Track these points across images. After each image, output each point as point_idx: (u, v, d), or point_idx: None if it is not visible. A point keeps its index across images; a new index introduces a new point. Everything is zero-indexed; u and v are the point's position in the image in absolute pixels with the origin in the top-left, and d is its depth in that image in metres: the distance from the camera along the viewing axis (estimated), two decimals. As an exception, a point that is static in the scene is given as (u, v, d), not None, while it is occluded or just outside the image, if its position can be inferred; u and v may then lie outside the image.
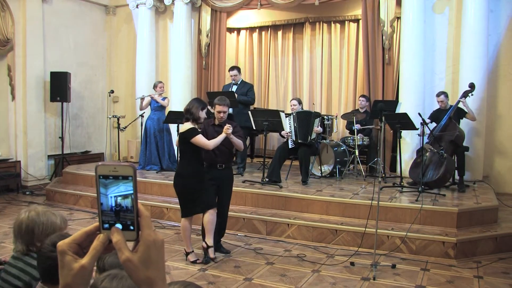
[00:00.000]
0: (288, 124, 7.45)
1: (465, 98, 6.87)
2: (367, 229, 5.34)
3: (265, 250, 5.58)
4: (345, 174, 7.91)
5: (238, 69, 8.49)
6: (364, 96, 8.44)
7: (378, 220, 5.02)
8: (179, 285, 1.09)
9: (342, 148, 7.88)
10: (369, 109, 8.32)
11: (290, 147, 7.45)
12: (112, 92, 10.36)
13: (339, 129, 9.24)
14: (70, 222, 6.88)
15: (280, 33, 10.80)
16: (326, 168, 7.95)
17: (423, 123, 6.28)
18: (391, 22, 8.29)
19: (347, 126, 8.59)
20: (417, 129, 6.67)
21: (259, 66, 11.14)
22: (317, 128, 7.46)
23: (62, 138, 9.72)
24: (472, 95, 6.89)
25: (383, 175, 7.66)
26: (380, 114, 6.44)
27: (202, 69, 10.28)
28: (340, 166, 7.79)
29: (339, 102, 10.19)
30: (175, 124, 8.19)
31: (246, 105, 8.21)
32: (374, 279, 4.62)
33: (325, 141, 7.97)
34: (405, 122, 6.67)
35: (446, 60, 8.03)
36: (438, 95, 7.19)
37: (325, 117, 7.98)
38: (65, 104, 9.69)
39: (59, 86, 9.36)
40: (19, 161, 9.19)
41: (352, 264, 5.02)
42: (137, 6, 10.21)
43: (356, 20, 9.79)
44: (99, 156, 10.92)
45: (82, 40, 10.50)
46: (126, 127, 9.41)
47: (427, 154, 6.78)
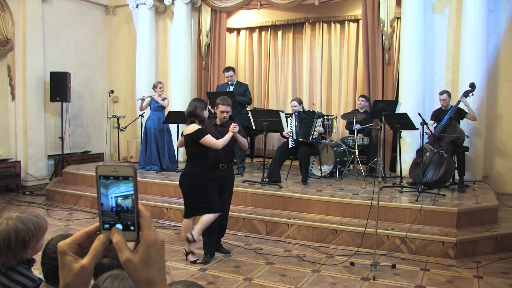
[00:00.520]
0: (289, 124, 7.46)
1: (465, 98, 6.87)
2: (367, 229, 5.34)
3: (265, 250, 5.58)
4: (345, 174, 7.91)
5: (234, 69, 8.53)
6: (363, 96, 8.44)
7: (378, 220, 5.02)
8: (181, 285, 1.09)
9: (342, 148, 7.89)
10: (369, 109, 8.33)
11: (290, 146, 7.45)
12: (112, 92, 10.36)
13: (339, 129, 9.24)
14: (70, 222, 6.91)
15: (280, 33, 10.80)
16: (326, 168, 7.95)
17: (423, 123, 6.28)
18: (391, 22, 8.30)
19: (347, 126, 8.59)
20: (417, 129, 6.66)
21: (259, 66, 11.14)
22: (319, 128, 7.46)
23: (62, 138, 9.71)
24: (472, 95, 6.90)
25: (383, 175, 7.67)
26: (380, 114, 6.45)
27: (202, 69, 10.28)
28: (340, 166, 7.79)
29: (339, 102, 10.19)
30: (175, 124, 8.20)
31: (244, 106, 8.26)
32: (374, 279, 4.62)
33: (325, 141, 7.97)
34: (405, 122, 6.67)
35: (446, 60, 8.04)
36: (441, 93, 7.20)
37: (325, 117, 7.98)
38: (65, 104, 9.69)
39: (59, 86, 9.36)
40: (19, 161, 9.19)
41: (352, 264, 5.02)
42: (137, 6, 10.21)
43: (356, 20, 9.79)
44: (99, 156, 10.92)
45: (82, 40, 10.50)
46: (126, 127, 9.41)
47: (427, 154, 6.78)
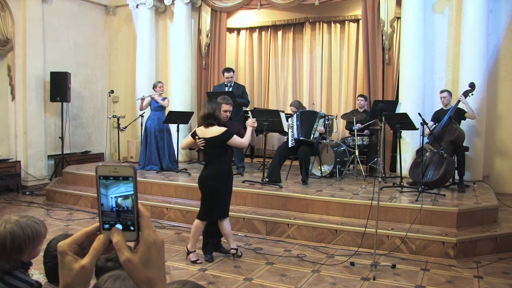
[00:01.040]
0: (290, 123, 7.45)
1: (465, 97, 6.87)
2: (367, 229, 5.34)
3: (265, 250, 5.58)
4: (345, 174, 7.91)
5: (234, 71, 8.60)
6: (362, 96, 8.45)
7: (378, 220, 5.02)
8: (176, 284, 1.09)
9: (342, 148, 7.89)
10: (368, 108, 8.33)
11: (290, 145, 7.45)
12: (112, 92, 10.36)
13: (339, 129, 9.24)
14: (70, 222, 6.90)
15: (280, 33, 10.80)
16: (326, 168, 7.95)
17: (423, 123, 6.28)
18: (391, 22, 8.29)
19: (347, 127, 8.58)
20: (417, 129, 6.66)
21: (259, 66, 11.14)
22: (321, 127, 7.47)
23: (62, 138, 9.72)
24: (472, 94, 6.89)
25: (383, 175, 7.67)
26: (380, 114, 6.45)
27: (202, 69, 10.28)
28: (340, 166, 7.79)
29: (339, 102, 10.19)
30: (175, 124, 8.20)
31: (241, 107, 8.32)
32: (374, 279, 4.62)
33: (325, 141, 7.97)
34: (405, 122, 6.66)
35: (446, 60, 8.04)
36: (441, 92, 7.22)
37: (326, 117, 7.98)
38: (65, 104, 9.69)
39: (59, 86, 9.36)
40: (19, 161, 9.19)
41: (352, 264, 5.02)
42: (137, 6, 10.21)
43: (356, 20, 9.79)
44: (99, 156, 10.92)
45: (82, 40, 10.51)
46: (126, 127, 9.41)
47: (427, 154, 6.78)
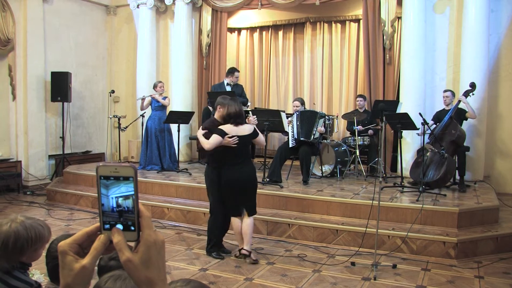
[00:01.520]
0: (288, 123, 7.45)
1: (466, 97, 6.87)
2: (367, 229, 5.34)
3: (266, 250, 5.58)
4: (345, 174, 7.91)
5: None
6: (361, 96, 8.45)
7: (379, 220, 5.02)
8: (180, 283, 1.09)
9: (342, 148, 7.88)
10: (369, 108, 8.34)
11: (291, 146, 7.45)
12: (113, 92, 10.37)
13: (340, 129, 9.24)
14: (71, 222, 6.91)
15: (280, 33, 10.80)
16: (327, 168, 7.95)
17: (424, 123, 6.28)
18: (391, 22, 8.29)
19: (348, 127, 8.57)
20: (418, 129, 6.66)
21: (260, 66, 11.14)
22: (321, 128, 7.47)
23: (63, 138, 9.72)
24: (473, 94, 6.89)
25: (384, 175, 7.67)
26: (381, 114, 6.44)
27: (202, 69, 10.28)
28: (341, 166, 7.79)
29: (339, 102, 10.19)
30: (176, 124, 8.20)
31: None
32: (374, 279, 4.62)
33: (326, 141, 7.96)
34: (406, 122, 6.66)
35: (447, 60, 8.03)
36: (445, 91, 7.25)
37: (326, 117, 7.98)
38: (65, 104, 9.70)
39: (60, 86, 9.37)
40: (20, 161, 9.19)
41: (353, 264, 5.02)
42: (137, 6, 10.21)
43: (357, 20, 9.79)
44: (100, 156, 10.93)
45: (82, 40, 10.51)
46: (127, 127, 9.41)
47: (428, 154, 6.78)
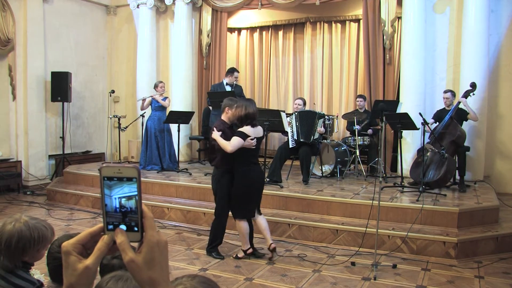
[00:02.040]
0: (288, 123, 7.45)
1: (465, 98, 6.87)
2: (368, 229, 5.34)
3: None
4: (346, 174, 7.91)
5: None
6: (361, 96, 8.46)
7: (379, 220, 5.02)
8: (186, 278, 1.10)
9: (343, 148, 7.88)
10: (368, 108, 8.35)
11: (290, 146, 7.46)
12: (113, 92, 10.33)
13: (340, 129, 9.24)
14: (71, 222, 6.90)
15: (281, 33, 10.80)
16: (327, 168, 7.95)
17: (424, 123, 6.28)
18: (392, 22, 8.29)
19: (348, 127, 8.57)
20: (418, 129, 6.66)
21: (260, 66, 11.14)
22: (321, 128, 7.48)
23: (63, 138, 9.72)
24: (473, 94, 6.89)
25: (384, 175, 7.66)
26: (381, 114, 6.44)
27: (203, 69, 10.29)
28: (341, 166, 7.79)
29: (340, 102, 10.19)
30: (176, 124, 8.20)
31: None
32: (375, 279, 4.63)
33: (326, 141, 7.97)
34: (406, 122, 6.66)
35: (447, 60, 8.03)
36: (445, 92, 7.23)
37: (326, 117, 7.98)
38: (66, 104, 9.70)
39: (60, 86, 9.37)
40: (20, 161, 9.19)
41: (353, 264, 5.02)
42: (137, 6, 10.21)
43: (357, 20, 9.79)
44: (100, 156, 10.93)
45: (83, 40, 10.51)
46: (127, 127, 9.41)
47: (428, 154, 6.78)
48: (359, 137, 7.77)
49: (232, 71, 8.54)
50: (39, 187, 9.21)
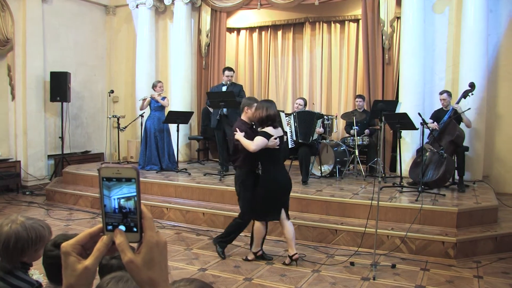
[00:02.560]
0: (287, 123, 7.45)
1: (464, 98, 6.87)
2: (367, 229, 5.34)
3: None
4: (345, 174, 7.91)
5: (234, 71, 8.59)
6: (360, 96, 8.46)
7: (378, 220, 5.02)
8: (184, 282, 1.10)
9: (342, 148, 7.89)
10: (368, 108, 8.35)
11: (290, 146, 7.46)
12: (112, 92, 10.34)
13: (339, 129, 9.24)
14: (70, 222, 6.90)
15: (280, 33, 10.79)
16: (326, 168, 7.95)
17: (423, 123, 6.28)
18: (391, 22, 8.30)
19: (346, 129, 8.56)
20: (417, 129, 6.66)
21: (259, 66, 11.13)
22: (319, 129, 7.48)
23: (62, 138, 9.72)
24: (472, 94, 6.89)
25: (383, 175, 7.67)
26: (380, 114, 6.45)
27: (202, 69, 10.29)
28: (340, 166, 7.80)
29: (339, 102, 10.19)
30: (175, 124, 8.20)
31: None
32: (374, 279, 4.63)
33: (325, 141, 7.97)
34: (405, 122, 6.66)
35: (446, 60, 8.04)
36: (441, 93, 7.22)
37: (325, 117, 7.98)
38: (65, 104, 9.70)
39: (59, 86, 9.37)
40: (19, 161, 9.19)
41: (352, 264, 5.02)
42: (137, 6, 10.21)
43: (356, 20, 9.79)
44: (99, 156, 10.92)
45: (82, 40, 10.51)
46: (126, 127, 9.41)
47: (427, 154, 6.78)
48: (358, 137, 7.77)
49: (224, 70, 8.55)
50: (38, 187, 9.20)
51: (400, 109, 7.49)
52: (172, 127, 8.55)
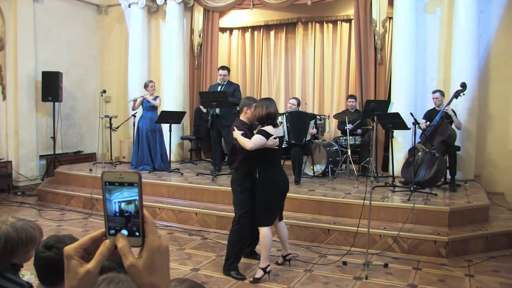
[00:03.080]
0: (280, 123, 7.45)
1: (456, 98, 6.91)
2: (359, 229, 5.36)
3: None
4: (337, 174, 7.94)
5: (228, 69, 8.55)
6: (352, 96, 8.51)
7: (370, 219, 5.05)
8: (174, 283, 1.11)
9: (334, 148, 7.91)
10: (360, 107, 8.39)
11: (283, 146, 7.44)
12: (104, 92, 10.27)
13: (331, 128, 9.27)
14: (62, 223, 6.87)
15: (272, 33, 10.80)
16: (319, 168, 7.97)
17: (415, 123, 6.32)
18: (383, 22, 8.34)
19: (339, 127, 8.61)
20: (409, 128, 6.69)
21: (252, 66, 11.13)
22: (313, 130, 7.49)
23: (54, 138, 9.68)
24: (463, 94, 6.94)
25: (375, 174, 7.70)
26: (372, 113, 6.47)
27: (194, 68, 10.28)
28: (333, 165, 7.82)
29: (331, 102, 10.22)
30: (168, 124, 8.18)
31: (233, 106, 8.15)
32: (366, 278, 4.66)
33: (317, 141, 7.99)
34: (397, 122, 6.68)
35: (437, 60, 8.09)
36: (433, 92, 7.27)
37: (318, 117, 8.00)
38: (57, 104, 9.65)
39: (51, 86, 9.32)
40: (10, 161, 9.13)
41: (345, 263, 5.05)
42: (129, 6, 10.17)
43: (349, 20, 9.82)
44: (91, 156, 10.88)
45: (74, 39, 10.46)
46: (118, 127, 9.37)
47: (419, 153, 6.82)
48: (350, 137, 7.81)
49: (218, 69, 8.55)
50: (29, 187, 9.15)
51: (392, 109, 7.52)
52: (165, 127, 8.54)
